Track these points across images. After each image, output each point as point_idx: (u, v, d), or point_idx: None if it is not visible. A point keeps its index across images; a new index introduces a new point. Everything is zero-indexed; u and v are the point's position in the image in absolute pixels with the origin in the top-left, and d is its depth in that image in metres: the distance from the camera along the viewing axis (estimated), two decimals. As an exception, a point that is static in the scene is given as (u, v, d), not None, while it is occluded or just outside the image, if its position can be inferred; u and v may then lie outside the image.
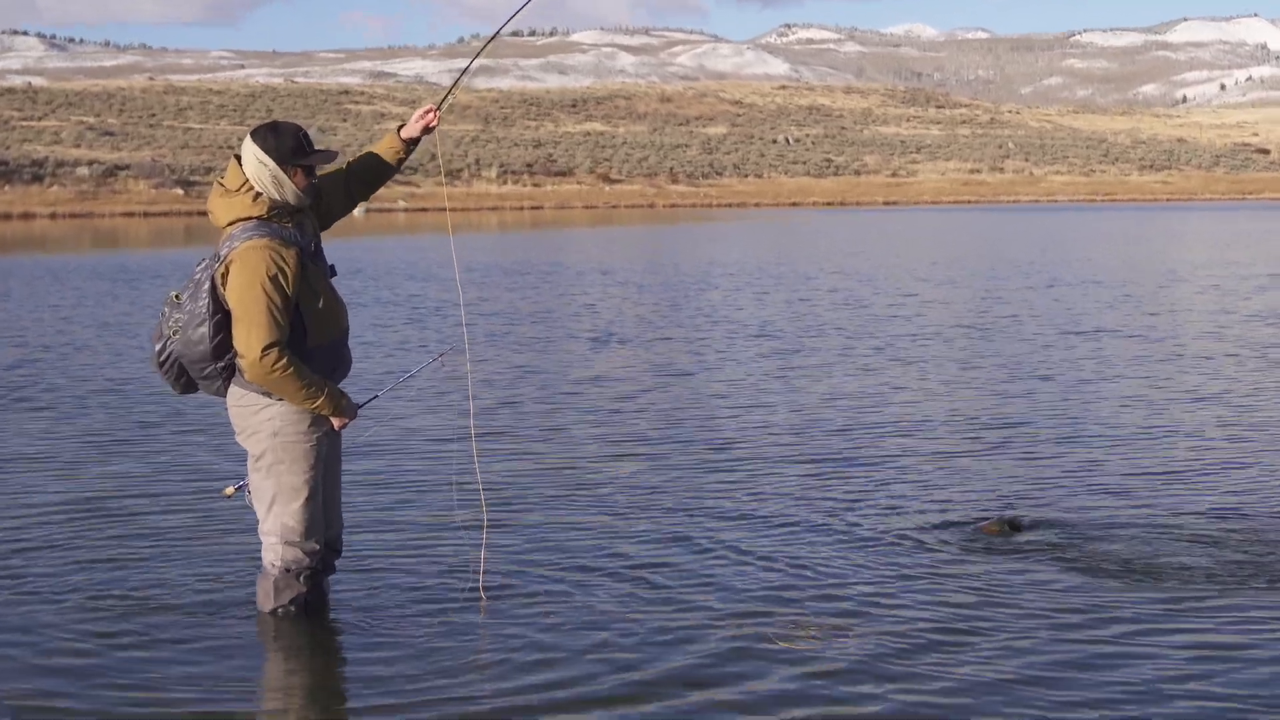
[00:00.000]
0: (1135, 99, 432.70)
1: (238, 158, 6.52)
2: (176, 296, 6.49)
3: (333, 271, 6.72)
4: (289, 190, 6.43)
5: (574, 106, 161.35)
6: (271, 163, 6.40)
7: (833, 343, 18.61)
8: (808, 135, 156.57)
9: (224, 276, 6.37)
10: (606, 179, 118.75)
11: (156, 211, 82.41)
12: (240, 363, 6.40)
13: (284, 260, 6.31)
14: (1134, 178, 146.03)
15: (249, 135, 6.51)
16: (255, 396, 6.51)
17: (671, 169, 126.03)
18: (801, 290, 27.48)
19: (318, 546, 6.67)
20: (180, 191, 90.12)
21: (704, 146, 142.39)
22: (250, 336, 6.30)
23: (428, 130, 6.90)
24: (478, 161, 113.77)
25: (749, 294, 26.73)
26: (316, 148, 6.57)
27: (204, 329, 6.39)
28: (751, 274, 32.37)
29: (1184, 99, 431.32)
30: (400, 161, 6.95)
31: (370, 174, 6.96)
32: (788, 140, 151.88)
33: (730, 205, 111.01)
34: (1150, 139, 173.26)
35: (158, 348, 6.56)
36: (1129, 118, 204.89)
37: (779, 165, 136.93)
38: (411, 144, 6.94)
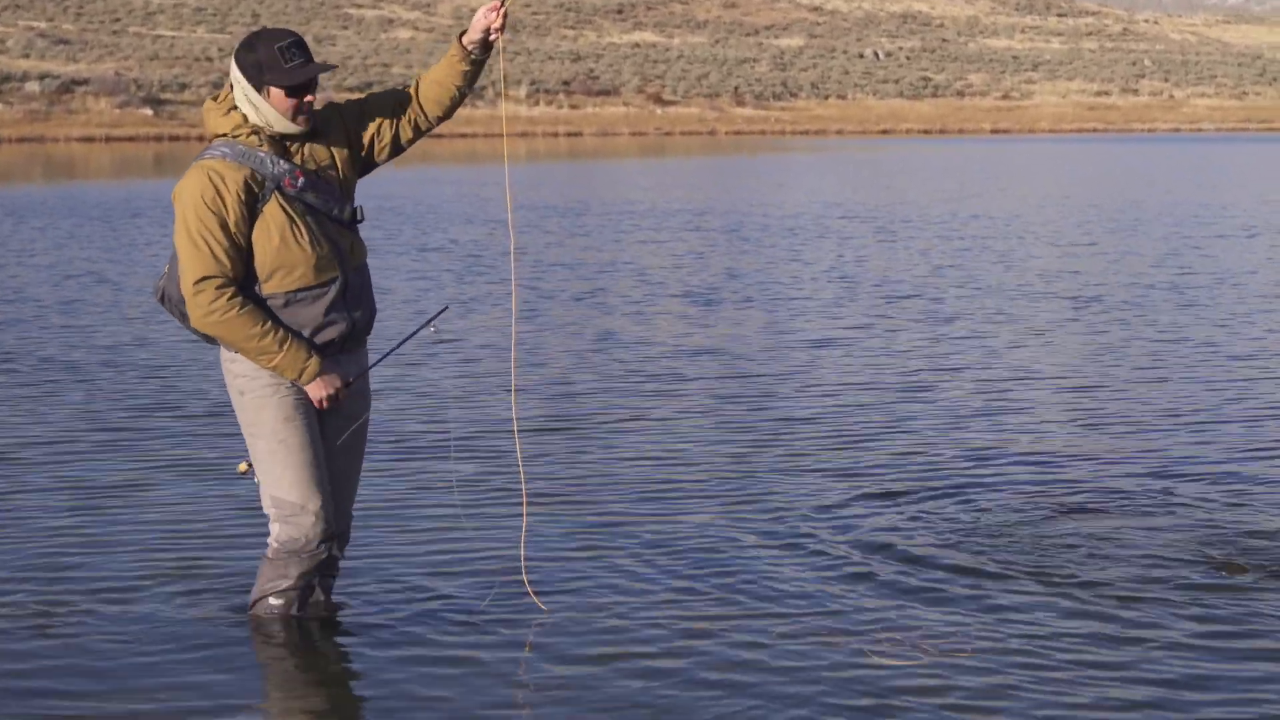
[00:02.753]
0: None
1: None
2: None
3: (356, 215, 6.70)
4: (268, 112, 6.46)
5: (620, 12, 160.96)
6: (243, 79, 6.45)
7: (992, 305, 18.20)
8: (901, 49, 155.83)
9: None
10: (658, 100, 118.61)
11: (120, 135, 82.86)
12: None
13: (223, 183, 6.34)
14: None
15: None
16: (225, 349, 6.63)
17: (736, 89, 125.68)
18: (936, 238, 27.23)
19: (322, 524, 6.69)
20: (149, 112, 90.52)
21: (775, 62, 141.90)
22: (183, 270, 6.40)
23: (490, 34, 6.68)
24: (505, 77, 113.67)
25: (876, 243, 26.37)
26: (313, 60, 6.49)
27: (176, 263, 6.54)
28: (871, 217, 32.11)
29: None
30: (468, 76, 6.76)
31: (436, 91, 6.80)
32: (876, 55, 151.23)
33: (806, 132, 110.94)
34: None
35: (155, 286, 6.77)
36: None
37: (865, 85, 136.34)
38: (476, 51, 6.72)
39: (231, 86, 6.51)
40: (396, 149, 6.82)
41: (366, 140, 6.76)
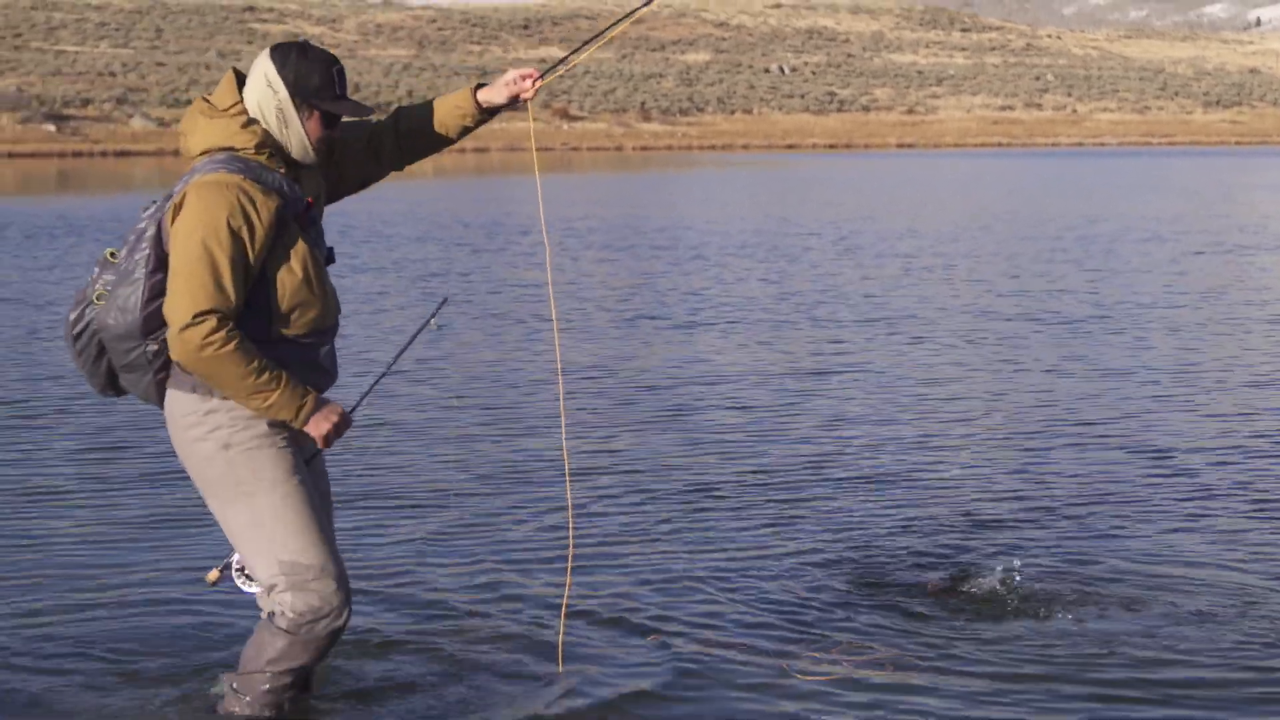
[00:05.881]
0: (1199, 21, 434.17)
1: (236, 73, 5.86)
2: (112, 255, 5.75)
3: (330, 257, 5.96)
4: (295, 135, 5.74)
5: (526, 28, 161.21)
6: (284, 91, 5.70)
7: (965, 325, 18.04)
8: (806, 64, 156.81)
9: (174, 218, 5.63)
10: (565, 115, 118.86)
11: (23, 152, 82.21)
12: (167, 336, 5.58)
13: (254, 208, 5.56)
14: (1197, 116, 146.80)
15: (268, 50, 5.81)
16: (196, 400, 5.73)
17: (643, 104, 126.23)
18: (902, 256, 26.67)
19: (345, 586, 5.87)
20: (51, 128, 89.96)
21: (682, 77, 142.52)
22: (179, 296, 5.49)
23: (515, 102, 6.14)
24: (410, 94, 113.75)
25: (850, 262, 25.59)
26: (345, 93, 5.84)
27: (136, 291, 5.63)
28: (824, 232, 31.87)
29: (1258, 21, 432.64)
30: (466, 131, 6.17)
31: (421, 136, 6.19)
32: (782, 70, 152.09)
33: (713, 147, 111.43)
34: (1217, 70, 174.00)
35: (73, 316, 5.81)
36: (1192, 44, 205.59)
37: (771, 100, 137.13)
38: (488, 111, 6.16)
39: (242, 94, 5.77)
40: (357, 188, 6.28)
41: (332, 178, 6.14)
